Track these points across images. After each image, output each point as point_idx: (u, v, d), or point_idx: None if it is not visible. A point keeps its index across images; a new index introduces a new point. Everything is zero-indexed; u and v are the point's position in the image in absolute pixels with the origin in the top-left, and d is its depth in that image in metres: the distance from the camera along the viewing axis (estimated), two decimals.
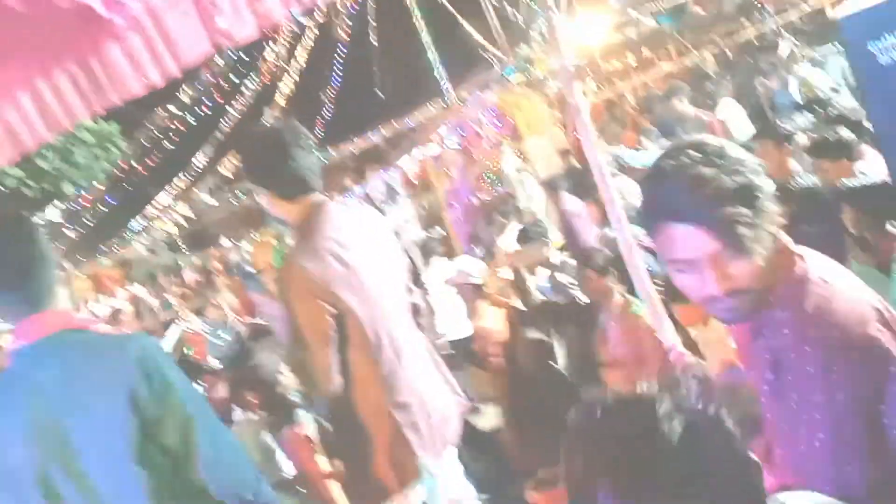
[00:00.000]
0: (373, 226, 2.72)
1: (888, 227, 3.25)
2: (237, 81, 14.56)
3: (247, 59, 14.35)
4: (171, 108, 14.24)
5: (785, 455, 1.50)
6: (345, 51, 14.76)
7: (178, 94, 14.22)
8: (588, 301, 4.06)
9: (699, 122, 7.81)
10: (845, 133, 3.84)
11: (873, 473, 1.31)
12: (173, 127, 14.37)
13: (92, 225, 13.92)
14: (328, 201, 2.63)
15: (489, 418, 4.56)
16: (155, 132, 14.19)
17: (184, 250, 14.66)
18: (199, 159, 14.97)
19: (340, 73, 15.34)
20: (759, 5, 12.27)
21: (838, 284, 1.37)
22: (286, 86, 14.62)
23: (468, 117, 9.60)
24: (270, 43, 14.14)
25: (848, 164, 3.80)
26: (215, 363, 7.01)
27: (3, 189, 10.77)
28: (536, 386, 4.13)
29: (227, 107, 14.75)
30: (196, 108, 14.58)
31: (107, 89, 2.84)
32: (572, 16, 10.62)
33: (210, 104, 14.55)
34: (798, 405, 1.36)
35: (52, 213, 12.58)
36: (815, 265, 1.41)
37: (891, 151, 3.41)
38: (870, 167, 3.95)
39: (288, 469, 4.79)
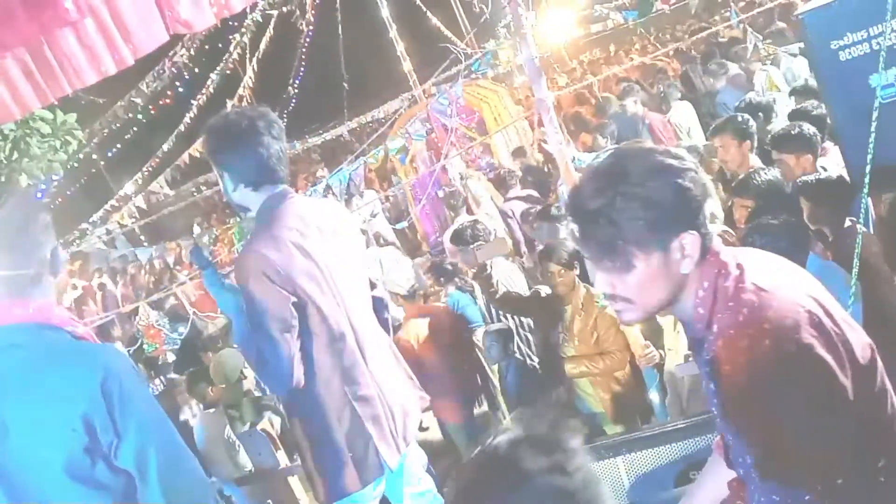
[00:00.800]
0: (338, 219, 2.67)
1: (847, 222, 3.30)
2: (200, 73, 14.31)
3: (210, 49, 14.11)
4: (133, 99, 13.97)
5: (734, 461, 1.51)
6: (310, 42, 14.59)
7: (140, 85, 13.95)
8: (552, 293, 4.06)
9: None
10: (808, 128, 3.88)
11: (819, 477, 1.31)
12: (134, 118, 14.10)
13: (50, 216, 13.62)
14: (292, 192, 2.59)
15: None
16: (115, 124, 13.90)
17: (144, 243, 14.41)
18: (161, 151, 14.70)
19: (305, 65, 15.17)
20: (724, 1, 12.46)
21: (774, 290, 1.36)
22: (250, 77, 14.41)
23: (435, 111, 9.56)
24: (235, 34, 13.92)
25: (810, 159, 3.85)
26: (172, 357, 6.91)
27: None
28: None
29: (190, 99, 14.49)
30: (158, 99, 14.31)
31: (60, 78, 2.77)
32: (539, 10, 10.64)
33: (172, 96, 14.30)
34: (734, 416, 1.36)
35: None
36: (752, 271, 1.40)
37: (849, 147, 3.47)
38: (830, 163, 4.01)
39: (250, 464, 4.74)
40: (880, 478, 1.35)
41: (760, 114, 5.27)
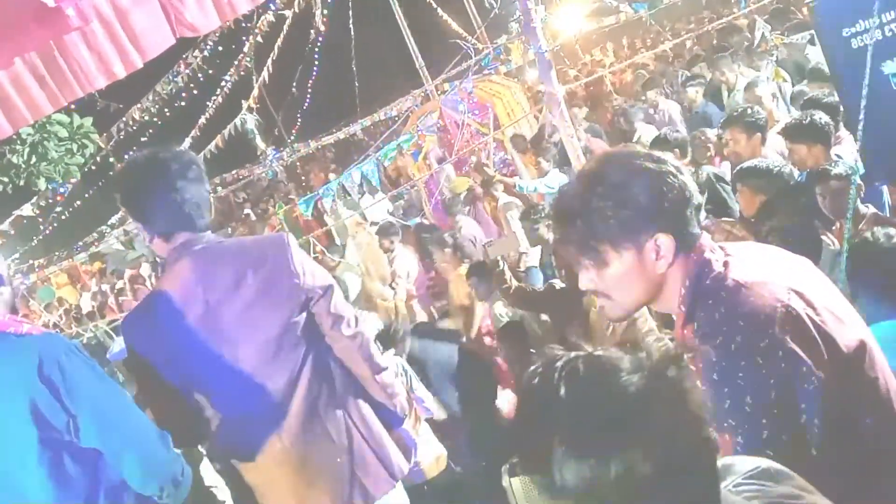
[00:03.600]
0: (258, 259, 2.36)
1: (863, 209, 3.27)
2: (214, 74, 14.40)
3: (224, 51, 14.18)
4: (147, 102, 14.07)
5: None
6: (322, 42, 14.63)
7: (156, 87, 14.04)
8: (566, 287, 4.06)
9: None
10: (820, 117, 3.84)
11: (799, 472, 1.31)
12: (150, 121, 14.20)
13: (68, 219, 13.76)
14: (202, 240, 2.32)
15: None
16: (132, 127, 14.00)
17: None
18: None
19: (318, 64, 15.20)
20: None
21: (754, 285, 1.38)
22: (263, 78, 14.47)
23: (447, 107, 9.56)
24: (248, 35, 13.99)
25: (823, 148, 3.81)
26: None
27: None
28: None
29: (205, 101, 14.58)
30: (173, 102, 14.40)
31: (71, 82, 2.80)
32: (549, 3, 10.61)
33: (187, 98, 14.38)
34: (715, 411, 1.36)
35: (27, 208, 12.41)
36: (737, 267, 1.43)
37: (864, 135, 3.43)
38: (844, 151, 3.97)
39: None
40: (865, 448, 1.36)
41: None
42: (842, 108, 3.98)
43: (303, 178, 18.11)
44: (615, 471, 0.90)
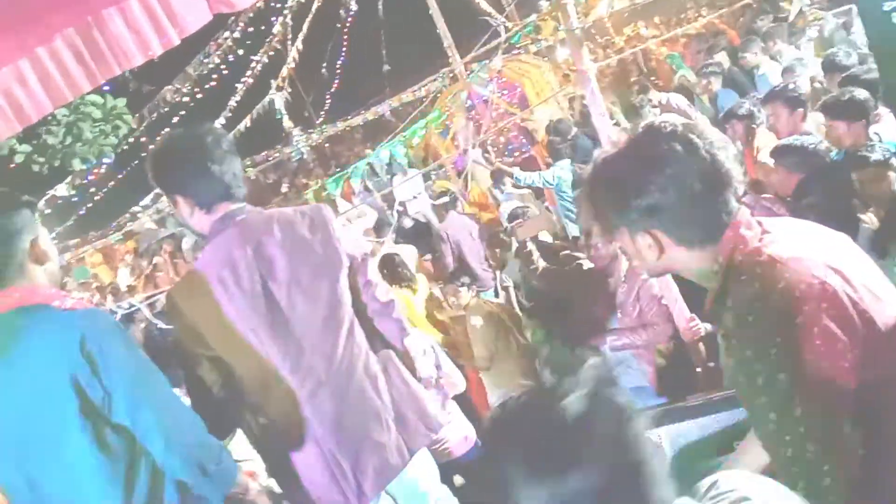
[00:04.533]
0: (303, 228, 2.41)
1: None
2: (244, 55, 14.46)
3: (254, 32, 14.23)
4: (178, 83, 14.20)
5: (754, 433, 1.51)
6: (352, 22, 14.60)
7: (187, 69, 14.15)
8: (593, 266, 4.04)
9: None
10: (860, 93, 3.76)
11: (828, 452, 1.30)
12: (181, 102, 14.33)
13: (102, 200, 13.99)
14: (244, 212, 2.37)
15: None
16: (164, 108, 14.15)
17: None
18: None
19: (347, 45, 15.19)
20: None
21: (790, 261, 1.36)
22: (293, 58, 14.50)
23: (475, 86, 9.51)
24: (278, 15, 14.01)
25: (863, 125, 3.73)
26: None
27: (11, 165, 10.83)
28: None
29: (235, 82, 14.67)
30: (205, 83, 14.51)
31: (109, 60, 2.84)
32: None
33: (218, 79, 14.48)
34: (746, 387, 1.37)
35: (62, 188, 12.64)
36: (773, 242, 1.41)
37: None
38: (884, 129, 3.89)
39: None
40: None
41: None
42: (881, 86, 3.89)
43: (332, 160, 18.17)
44: (570, 488, 0.97)
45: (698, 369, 3.63)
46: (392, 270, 5.37)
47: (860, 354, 1.31)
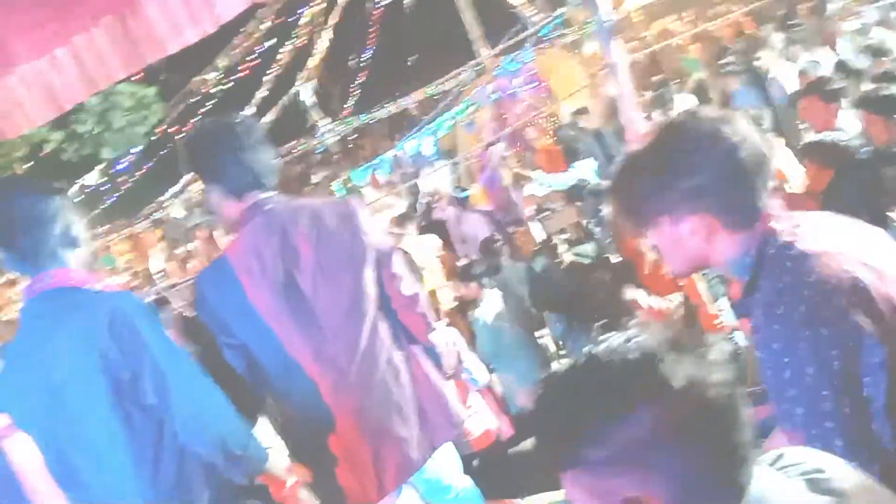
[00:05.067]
0: (329, 220, 2.40)
1: None
2: (272, 47, 14.53)
3: (282, 24, 14.30)
4: (207, 74, 14.32)
5: (781, 427, 1.50)
6: (378, 13, 14.62)
7: (215, 60, 14.27)
8: (620, 259, 4.03)
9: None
10: None
11: (856, 448, 1.29)
12: (209, 92, 14.45)
13: (130, 189, 14.15)
14: (272, 201, 2.36)
15: None
16: (192, 98, 14.29)
17: None
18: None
19: (374, 37, 15.22)
20: None
21: (822, 255, 1.34)
22: (319, 50, 14.57)
23: (502, 79, 9.48)
24: (305, 7, 14.07)
25: None
26: None
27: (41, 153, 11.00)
28: None
29: (262, 74, 14.76)
30: (232, 73, 14.62)
31: (144, 47, 2.86)
32: None
33: (245, 70, 14.58)
34: (774, 381, 1.36)
35: (91, 176, 12.80)
36: (805, 236, 1.39)
37: None
38: None
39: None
40: None
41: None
42: None
43: (357, 151, 18.22)
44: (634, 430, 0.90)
45: None
46: None
47: (890, 351, 1.30)
